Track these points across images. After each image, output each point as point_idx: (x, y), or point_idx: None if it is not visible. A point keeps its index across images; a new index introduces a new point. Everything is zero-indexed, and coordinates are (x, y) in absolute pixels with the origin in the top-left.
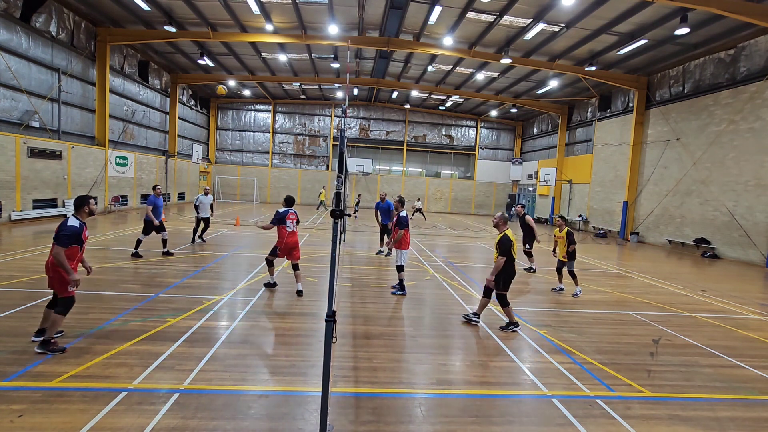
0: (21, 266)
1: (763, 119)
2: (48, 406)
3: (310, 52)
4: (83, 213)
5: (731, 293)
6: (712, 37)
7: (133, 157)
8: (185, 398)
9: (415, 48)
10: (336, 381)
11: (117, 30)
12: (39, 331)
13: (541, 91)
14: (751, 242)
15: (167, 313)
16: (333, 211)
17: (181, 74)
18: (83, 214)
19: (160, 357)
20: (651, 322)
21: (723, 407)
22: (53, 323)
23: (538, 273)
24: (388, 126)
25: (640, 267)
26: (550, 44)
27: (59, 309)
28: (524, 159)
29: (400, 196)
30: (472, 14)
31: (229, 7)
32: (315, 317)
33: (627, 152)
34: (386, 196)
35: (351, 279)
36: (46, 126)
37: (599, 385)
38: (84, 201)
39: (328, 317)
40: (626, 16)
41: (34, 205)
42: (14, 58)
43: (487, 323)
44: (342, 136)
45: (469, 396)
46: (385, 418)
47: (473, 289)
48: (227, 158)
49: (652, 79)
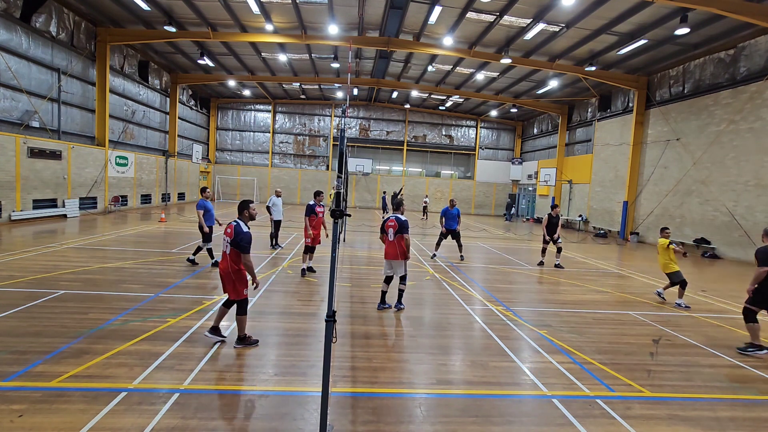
0: (21, 266)
1: (763, 119)
2: (48, 406)
3: (310, 52)
4: (245, 217)
5: (731, 293)
6: (712, 37)
7: (133, 157)
8: (185, 398)
9: (415, 48)
10: (336, 381)
11: (117, 30)
12: (213, 328)
13: (541, 91)
14: (751, 242)
15: (167, 313)
16: (333, 211)
17: (181, 74)
18: (245, 218)
19: (160, 357)
20: (651, 322)
21: (723, 407)
22: (241, 323)
23: (536, 273)
24: (388, 126)
25: (640, 267)
26: (550, 44)
27: (240, 311)
28: (524, 159)
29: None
30: (472, 14)
31: (229, 7)
32: (315, 317)
33: (627, 152)
34: (455, 203)
35: (351, 279)
36: (46, 126)
37: (599, 385)
38: (245, 205)
39: (328, 317)
40: (626, 16)
41: (34, 205)
42: (14, 58)
43: (487, 323)
44: (342, 136)
45: (469, 396)
46: (385, 418)
47: (473, 289)
48: (227, 158)
49: (652, 79)
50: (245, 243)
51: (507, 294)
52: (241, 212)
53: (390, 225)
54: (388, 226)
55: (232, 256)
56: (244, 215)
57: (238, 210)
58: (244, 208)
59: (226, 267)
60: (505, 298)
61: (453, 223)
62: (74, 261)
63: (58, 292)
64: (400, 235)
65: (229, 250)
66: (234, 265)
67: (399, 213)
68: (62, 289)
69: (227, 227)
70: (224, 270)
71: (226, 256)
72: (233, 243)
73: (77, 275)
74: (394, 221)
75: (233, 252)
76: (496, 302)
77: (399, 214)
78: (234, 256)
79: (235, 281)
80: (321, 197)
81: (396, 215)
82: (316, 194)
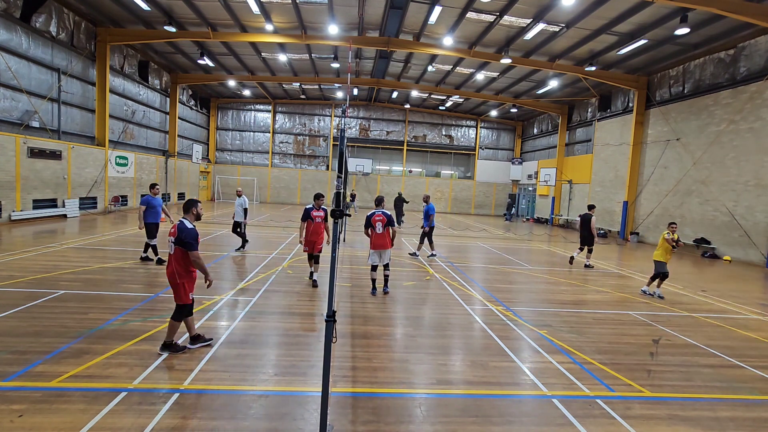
0: (21, 266)
1: (763, 119)
2: (48, 406)
3: (310, 52)
4: (192, 215)
5: (731, 293)
6: (712, 37)
7: (133, 157)
8: (185, 398)
9: (415, 48)
10: (336, 381)
11: (117, 30)
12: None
13: (541, 91)
14: (751, 242)
15: (167, 313)
16: (333, 211)
17: (181, 74)
18: (192, 216)
19: (160, 357)
20: (651, 322)
21: (723, 407)
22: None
23: (536, 273)
24: (388, 126)
25: (640, 267)
26: (550, 44)
27: (178, 316)
28: (524, 159)
29: (378, 196)
30: (472, 14)
31: (229, 7)
32: (315, 317)
33: (627, 152)
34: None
35: (351, 279)
36: (46, 126)
37: (599, 385)
38: (192, 204)
39: (328, 317)
40: (626, 16)
41: (34, 205)
42: (14, 58)
43: (487, 323)
44: (342, 136)
45: (469, 396)
46: (385, 418)
47: (473, 289)
48: (227, 158)
49: (652, 79)
50: (190, 239)
51: (507, 294)
52: (188, 211)
53: (378, 219)
54: (376, 221)
55: (177, 257)
56: (191, 213)
57: (185, 209)
58: (191, 206)
59: (171, 271)
60: (505, 298)
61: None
62: (74, 261)
63: (58, 292)
64: (389, 227)
65: (174, 250)
66: (179, 267)
67: (382, 208)
68: (62, 289)
69: (172, 228)
70: (170, 274)
71: (171, 259)
72: (178, 241)
73: (77, 275)
74: (382, 215)
75: (179, 252)
76: (496, 302)
77: (382, 209)
78: (180, 256)
79: (182, 284)
80: (321, 200)
81: (382, 210)
82: (317, 197)
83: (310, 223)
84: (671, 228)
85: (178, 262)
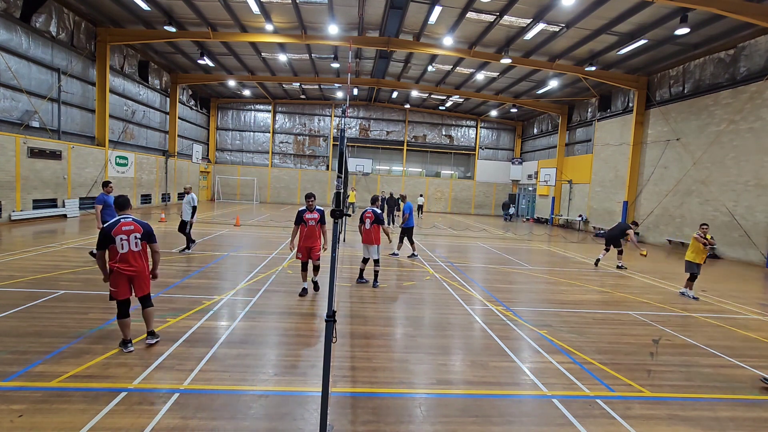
0: (21, 266)
1: (763, 119)
2: (48, 406)
3: (310, 52)
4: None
5: (731, 293)
6: (712, 37)
7: (133, 157)
8: (185, 398)
9: (415, 48)
10: (336, 381)
11: (117, 30)
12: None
13: (541, 91)
14: (751, 242)
15: (167, 313)
16: (333, 211)
17: (181, 74)
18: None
19: (160, 357)
20: (651, 322)
21: (723, 407)
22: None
23: (536, 273)
24: (388, 126)
25: (640, 267)
26: (550, 44)
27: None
28: (524, 159)
29: (374, 195)
30: (472, 14)
31: (229, 7)
32: (315, 317)
33: (627, 152)
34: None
35: (351, 279)
36: (46, 126)
37: (599, 385)
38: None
39: (328, 317)
40: (626, 16)
41: (34, 205)
42: (14, 58)
43: (487, 323)
44: (342, 136)
45: (469, 396)
46: (385, 418)
47: (473, 289)
48: (227, 158)
49: (652, 79)
50: (153, 231)
51: (507, 294)
52: (126, 207)
53: (367, 216)
54: (366, 217)
55: (144, 251)
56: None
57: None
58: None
59: (142, 265)
60: (505, 298)
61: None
62: (74, 261)
63: (58, 292)
64: (376, 224)
65: (140, 246)
66: (146, 261)
67: (375, 207)
68: (62, 289)
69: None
70: (140, 270)
71: (138, 255)
72: (146, 236)
73: (77, 275)
74: (371, 213)
75: (145, 246)
76: (496, 302)
77: (375, 208)
78: (144, 251)
79: (147, 276)
80: (312, 201)
81: (372, 208)
82: (308, 197)
83: (303, 227)
84: (703, 229)
85: (144, 256)
